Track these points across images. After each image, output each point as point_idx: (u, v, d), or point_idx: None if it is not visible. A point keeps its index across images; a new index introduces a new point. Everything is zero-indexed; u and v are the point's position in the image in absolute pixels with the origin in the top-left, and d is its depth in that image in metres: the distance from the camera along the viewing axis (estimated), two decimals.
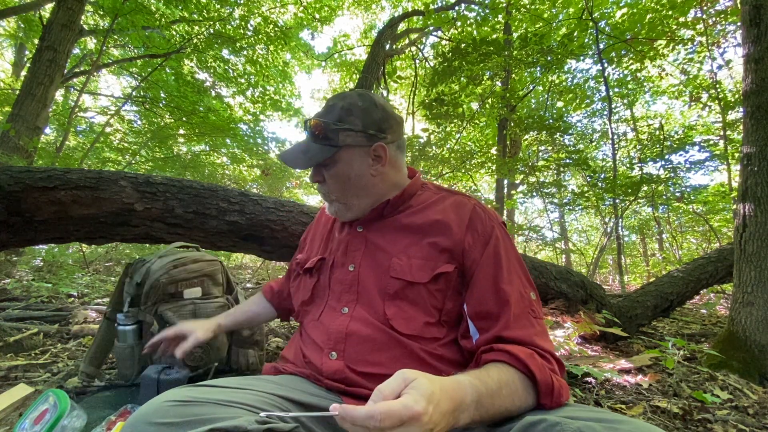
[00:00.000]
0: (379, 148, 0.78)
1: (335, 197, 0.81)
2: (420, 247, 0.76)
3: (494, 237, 0.74)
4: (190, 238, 1.68)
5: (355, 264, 0.79)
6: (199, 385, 0.59)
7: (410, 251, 0.76)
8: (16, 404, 1.15)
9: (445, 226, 0.76)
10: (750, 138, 1.91)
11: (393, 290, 0.74)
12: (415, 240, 0.77)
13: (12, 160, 3.01)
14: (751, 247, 1.84)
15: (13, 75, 8.22)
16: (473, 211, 0.78)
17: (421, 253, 0.75)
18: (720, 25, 5.85)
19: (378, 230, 0.81)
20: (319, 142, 0.77)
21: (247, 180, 8.60)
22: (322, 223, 0.96)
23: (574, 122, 8.22)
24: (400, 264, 0.75)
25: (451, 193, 0.85)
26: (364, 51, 9.16)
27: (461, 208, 0.78)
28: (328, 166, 0.79)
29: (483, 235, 0.74)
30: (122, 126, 6.96)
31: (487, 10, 6.16)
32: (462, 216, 0.77)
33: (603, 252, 6.82)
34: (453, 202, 0.81)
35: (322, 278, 0.83)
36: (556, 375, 0.61)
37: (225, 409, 0.51)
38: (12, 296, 2.78)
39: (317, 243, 0.92)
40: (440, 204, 0.81)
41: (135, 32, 5.53)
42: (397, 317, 0.71)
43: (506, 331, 0.65)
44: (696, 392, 1.46)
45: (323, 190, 0.82)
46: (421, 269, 0.74)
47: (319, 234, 0.94)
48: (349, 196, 0.81)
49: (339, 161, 0.78)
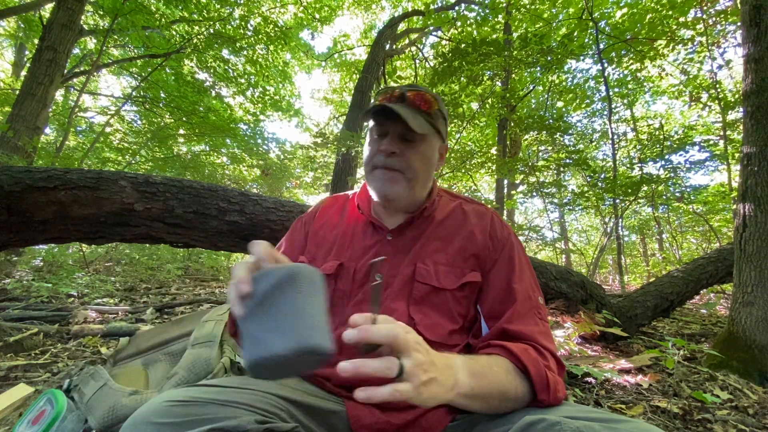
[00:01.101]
0: (444, 148, 0.83)
1: (410, 175, 0.76)
2: (446, 254, 0.77)
3: (509, 243, 0.78)
4: (190, 238, 1.69)
5: (383, 273, 0.75)
6: (200, 385, 0.59)
7: (436, 257, 0.76)
8: (16, 404, 1.15)
9: (470, 233, 0.79)
10: (750, 138, 1.91)
11: (419, 295, 0.73)
12: (441, 246, 0.78)
13: (12, 160, 3.01)
14: (751, 247, 1.84)
15: (13, 75, 8.22)
16: (492, 219, 0.82)
17: (446, 259, 0.76)
18: (720, 25, 5.85)
19: (408, 238, 0.80)
20: (422, 115, 0.75)
21: (247, 180, 8.61)
22: (330, 224, 0.86)
23: (574, 122, 8.22)
24: (426, 269, 0.74)
25: (466, 200, 0.88)
26: (364, 51, 9.18)
27: (482, 217, 0.82)
28: (417, 142, 0.76)
29: (501, 241, 0.78)
30: (122, 126, 6.97)
31: (487, 10, 6.17)
32: (484, 224, 0.81)
33: (603, 252, 6.82)
34: (473, 211, 0.84)
35: (341, 285, 0.77)
36: (550, 371, 0.61)
37: (225, 409, 0.52)
38: (12, 296, 2.78)
39: (327, 245, 0.83)
40: (461, 211, 0.83)
41: (135, 32, 5.54)
42: (423, 323, 0.71)
43: (510, 325, 0.66)
44: (696, 392, 1.46)
45: (398, 163, 0.75)
46: (448, 275, 0.74)
47: (329, 235, 0.85)
48: (420, 179, 0.78)
49: (426, 142, 0.77)
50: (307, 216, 0.90)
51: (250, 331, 0.46)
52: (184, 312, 2.72)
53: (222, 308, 1.37)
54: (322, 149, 7.08)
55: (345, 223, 0.85)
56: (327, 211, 0.89)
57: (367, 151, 0.80)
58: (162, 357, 1.25)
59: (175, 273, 5.00)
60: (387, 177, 0.75)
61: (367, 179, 0.80)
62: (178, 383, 1.07)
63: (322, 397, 0.68)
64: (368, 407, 0.65)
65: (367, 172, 0.79)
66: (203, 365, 1.11)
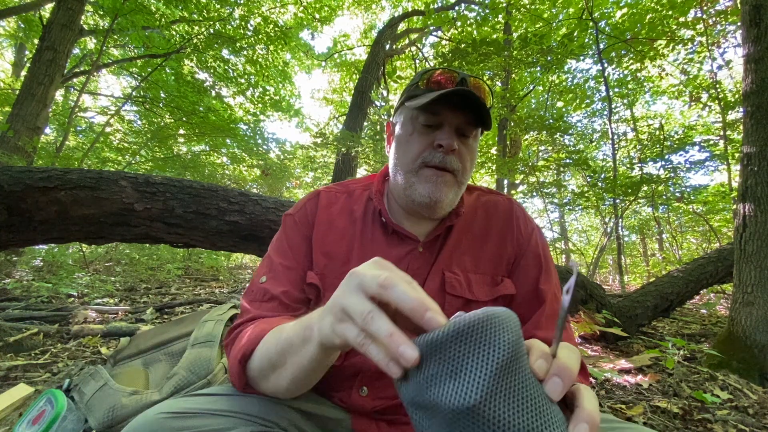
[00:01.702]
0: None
1: (462, 178, 0.65)
2: (474, 258, 0.68)
3: (534, 240, 0.71)
4: (190, 238, 1.69)
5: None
6: (195, 395, 0.57)
7: (464, 263, 0.67)
8: (16, 404, 1.15)
9: (497, 232, 0.70)
10: (750, 138, 1.91)
11: (451, 311, 0.60)
12: (468, 249, 0.68)
13: (12, 160, 3.01)
14: (751, 247, 1.84)
15: (13, 75, 8.22)
16: (516, 214, 0.73)
17: (476, 265, 0.67)
18: (720, 25, 5.85)
19: (440, 248, 0.69)
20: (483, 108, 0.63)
21: (247, 180, 8.60)
22: (338, 230, 0.71)
23: (574, 122, 8.23)
24: (457, 279, 0.65)
25: (482, 191, 0.77)
26: (364, 51, 9.18)
27: (506, 212, 0.73)
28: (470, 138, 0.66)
29: (526, 237, 0.71)
30: (122, 126, 6.96)
31: (487, 10, 6.17)
32: (509, 220, 0.72)
33: (603, 252, 6.81)
34: (495, 204, 0.74)
35: None
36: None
37: (219, 419, 0.50)
38: (12, 296, 2.78)
39: (340, 257, 0.68)
40: (482, 207, 0.74)
41: (135, 32, 5.54)
42: None
43: (539, 331, 0.62)
44: (696, 392, 1.46)
45: (454, 162, 0.63)
46: (480, 285, 0.66)
47: (340, 245, 0.69)
48: (466, 181, 0.68)
49: (476, 139, 0.68)
50: (300, 215, 0.73)
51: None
52: (184, 312, 2.72)
53: (222, 308, 1.37)
54: (322, 149, 7.07)
55: (359, 230, 0.70)
56: (329, 212, 0.73)
57: (409, 143, 0.65)
58: (162, 357, 1.25)
59: (175, 273, 5.00)
60: (441, 179, 0.63)
61: (407, 178, 0.66)
62: (178, 383, 1.07)
63: (325, 405, 0.64)
64: (375, 421, 0.63)
65: (411, 170, 0.65)
66: (203, 365, 1.11)
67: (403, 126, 0.68)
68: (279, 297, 0.64)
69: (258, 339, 0.53)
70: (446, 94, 0.59)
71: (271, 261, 0.70)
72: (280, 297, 0.64)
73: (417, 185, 0.64)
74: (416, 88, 0.66)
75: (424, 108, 0.63)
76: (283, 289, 0.64)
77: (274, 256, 0.70)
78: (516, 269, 0.69)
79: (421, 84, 0.66)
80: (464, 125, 0.64)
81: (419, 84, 0.66)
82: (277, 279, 0.66)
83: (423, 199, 0.63)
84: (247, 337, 0.55)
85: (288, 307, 0.64)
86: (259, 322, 0.58)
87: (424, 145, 0.64)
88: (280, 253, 0.70)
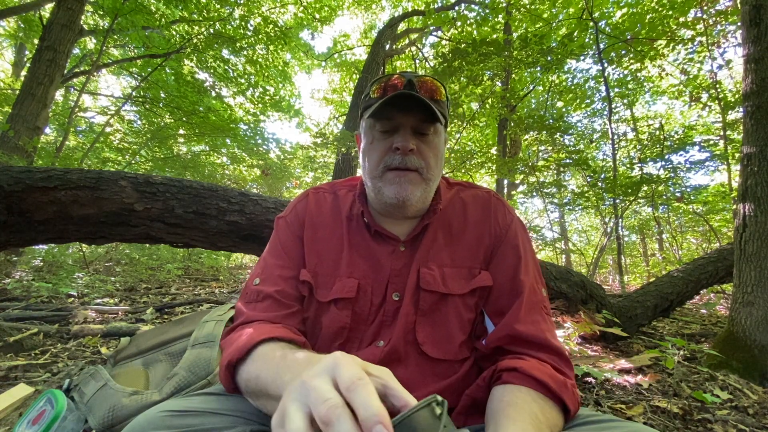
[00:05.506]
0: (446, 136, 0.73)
1: (428, 174, 0.67)
2: (450, 252, 0.69)
3: (513, 230, 0.71)
4: (190, 238, 1.69)
5: (400, 292, 0.67)
6: (197, 394, 0.58)
7: (440, 258, 0.68)
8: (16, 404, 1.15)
9: (475, 225, 0.71)
10: (750, 138, 1.91)
11: (426, 306, 0.65)
12: (445, 244, 0.70)
13: (12, 160, 3.01)
14: (751, 247, 1.84)
15: (13, 75, 8.22)
16: (494, 203, 0.74)
17: (452, 259, 0.68)
18: (720, 25, 5.85)
19: (420, 245, 0.70)
20: (434, 104, 0.64)
21: (247, 180, 8.60)
22: (326, 230, 0.73)
23: (574, 122, 8.22)
24: (431, 274, 0.66)
25: (463, 186, 0.79)
26: (364, 51, 9.19)
27: (484, 203, 0.74)
28: (430, 135, 0.67)
29: (503, 227, 0.71)
30: (122, 126, 6.96)
31: (487, 10, 6.18)
32: (486, 211, 0.73)
33: (603, 252, 6.81)
34: (474, 198, 0.75)
35: (359, 309, 0.67)
36: (573, 386, 0.56)
37: (220, 418, 0.51)
38: (12, 296, 2.78)
39: (330, 257, 0.71)
40: (461, 201, 0.75)
41: (135, 32, 5.54)
42: (430, 340, 0.64)
43: (518, 324, 0.61)
44: (696, 392, 1.46)
45: (416, 161, 0.65)
46: (456, 278, 0.67)
47: (329, 245, 0.72)
48: (435, 177, 0.69)
49: (438, 134, 0.69)
50: (292, 217, 0.76)
51: None
52: (184, 312, 2.72)
53: (222, 308, 1.37)
54: (322, 149, 7.07)
55: (346, 230, 0.73)
56: (318, 213, 0.75)
57: (371, 151, 0.68)
58: (162, 357, 1.25)
59: (175, 273, 5.00)
60: (404, 179, 0.65)
61: (374, 184, 0.68)
62: (178, 383, 1.07)
63: None
64: None
65: (375, 175, 0.67)
66: (203, 366, 1.11)
67: (365, 136, 0.71)
68: (272, 295, 0.66)
69: (246, 347, 0.54)
70: (393, 100, 0.62)
71: (266, 263, 0.72)
72: (273, 295, 0.66)
73: (384, 189, 0.66)
74: (369, 99, 0.69)
75: (377, 116, 0.66)
76: (277, 288, 0.67)
77: (268, 258, 0.73)
78: (493, 260, 0.69)
79: (373, 94, 0.68)
80: (419, 124, 0.66)
81: (371, 94, 0.69)
82: (270, 279, 0.69)
83: (391, 200, 0.66)
84: (234, 345, 0.56)
85: (281, 304, 0.66)
86: (252, 328, 0.59)
87: (383, 150, 0.66)
88: (275, 255, 0.72)
